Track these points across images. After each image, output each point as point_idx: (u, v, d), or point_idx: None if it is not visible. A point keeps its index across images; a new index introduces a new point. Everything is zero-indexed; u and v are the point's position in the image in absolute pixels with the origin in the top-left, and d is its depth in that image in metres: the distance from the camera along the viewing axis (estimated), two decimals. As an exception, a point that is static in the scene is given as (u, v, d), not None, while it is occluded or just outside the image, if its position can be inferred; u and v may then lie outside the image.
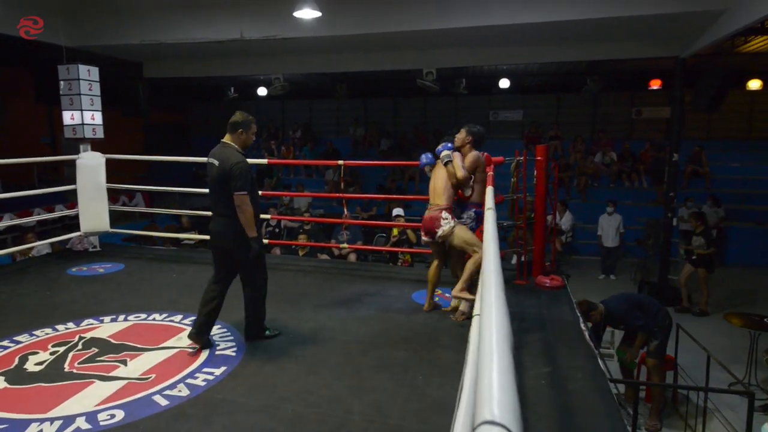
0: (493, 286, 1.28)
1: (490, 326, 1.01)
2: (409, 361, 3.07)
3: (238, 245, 3.10)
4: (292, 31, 7.48)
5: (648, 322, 4.76)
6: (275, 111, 15.90)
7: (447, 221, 3.60)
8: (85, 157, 5.49)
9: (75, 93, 5.38)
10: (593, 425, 2.45)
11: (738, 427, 4.55)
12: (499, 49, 8.73)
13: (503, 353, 0.88)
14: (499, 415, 0.69)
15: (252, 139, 3.31)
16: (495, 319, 1.05)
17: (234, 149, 3.18)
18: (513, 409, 0.72)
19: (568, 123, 13.57)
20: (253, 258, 3.12)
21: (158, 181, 7.41)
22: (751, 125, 12.84)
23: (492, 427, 0.67)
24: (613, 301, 4.90)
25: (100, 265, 5.16)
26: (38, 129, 12.20)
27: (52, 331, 3.51)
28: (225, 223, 3.12)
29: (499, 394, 0.75)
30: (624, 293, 5.64)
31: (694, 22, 6.72)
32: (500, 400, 0.73)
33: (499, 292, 1.23)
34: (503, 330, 0.99)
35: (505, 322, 1.04)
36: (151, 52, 9.18)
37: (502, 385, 0.78)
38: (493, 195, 3.23)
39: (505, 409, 0.71)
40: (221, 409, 2.53)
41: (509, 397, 0.75)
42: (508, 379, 0.80)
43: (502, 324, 1.02)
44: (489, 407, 0.72)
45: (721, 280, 9.44)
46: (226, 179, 3.04)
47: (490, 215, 2.47)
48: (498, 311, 1.10)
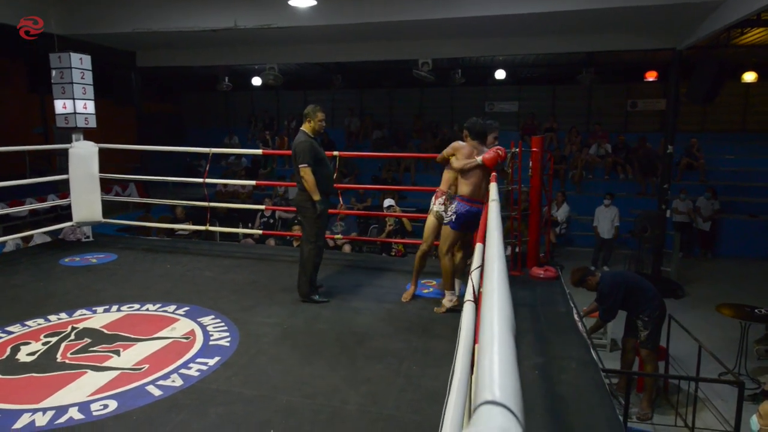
0: (495, 272, 1.29)
1: (492, 310, 1.01)
2: (403, 351, 3.07)
3: (299, 209, 3.87)
4: (287, 20, 7.41)
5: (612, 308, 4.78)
6: (270, 101, 15.80)
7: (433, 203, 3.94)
8: (78, 147, 5.43)
9: (67, 81, 5.31)
10: (586, 414, 2.46)
11: (728, 416, 4.60)
12: (495, 40, 8.69)
13: (504, 336, 0.89)
14: (500, 395, 0.70)
15: (320, 125, 3.89)
16: (497, 304, 1.05)
17: (303, 133, 3.85)
18: (514, 390, 0.72)
19: (563, 115, 13.57)
20: (317, 218, 3.74)
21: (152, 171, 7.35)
22: (746, 118, 12.88)
23: (493, 407, 0.68)
24: (608, 275, 4.96)
25: (93, 256, 5.13)
26: (30, 119, 12.08)
27: (45, 321, 3.49)
28: (296, 192, 3.89)
29: (500, 375, 0.76)
30: (624, 273, 5.65)
31: (691, 13, 6.71)
32: (501, 382, 0.74)
33: (501, 278, 1.24)
34: (505, 314, 0.99)
35: (507, 306, 1.05)
36: (144, 41, 9.08)
37: (503, 367, 0.78)
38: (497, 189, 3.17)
39: (507, 390, 0.72)
40: (215, 400, 2.53)
41: (510, 379, 0.75)
42: (510, 361, 0.81)
43: (503, 308, 1.02)
44: (490, 388, 0.72)
45: (714, 271, 9.53)
46: (293, 156, 3.78)
47: (494, 206, 2.46)
48: (500, 296, 1.10)
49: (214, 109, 16.54)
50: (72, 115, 5.36)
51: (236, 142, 14.45)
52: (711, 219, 10.10)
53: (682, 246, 9.57)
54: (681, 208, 10.10)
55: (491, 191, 2.97)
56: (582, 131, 12.86)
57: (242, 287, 4.22)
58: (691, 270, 9.36)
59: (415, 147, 12.73)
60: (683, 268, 9.20)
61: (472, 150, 3.69)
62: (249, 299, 3.92)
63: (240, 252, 5.56)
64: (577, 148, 12.30)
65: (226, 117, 16.29)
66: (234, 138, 14.56)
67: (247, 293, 4.07)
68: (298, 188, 3.84)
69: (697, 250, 10.44)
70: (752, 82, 11.31)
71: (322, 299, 3.87)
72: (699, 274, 9.29)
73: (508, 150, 4.52)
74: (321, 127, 3.90)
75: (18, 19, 5.21)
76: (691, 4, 6.33)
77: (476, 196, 3.60)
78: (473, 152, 3.68)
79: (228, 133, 14.70)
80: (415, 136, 13.80)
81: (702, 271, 9.47)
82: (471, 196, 3.62)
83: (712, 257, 10.26)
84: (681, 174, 11.25)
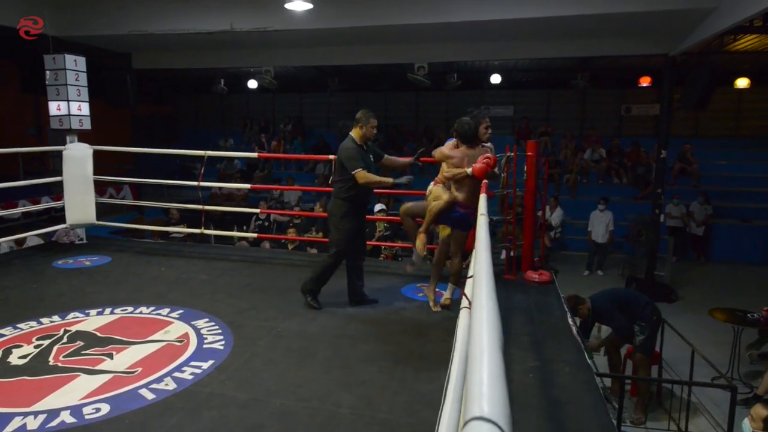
0: (484, 283, 1.29)
1: (481, 323, 1.02)
2: (397, 354, 3.07)
3: (329, 215, 3.81)
4: (283, 23, 7.43)
5: (625, 324, 4.81)
6: (266, 104, 15.79)
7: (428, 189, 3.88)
8: (73, 148, 5.41)
9: (61, 83, 5.28)
10: (579, 418, 2.47)
11: (721, 420, 4.62)
12: (490, 45, 8.74)
13: (493, 350, 0.89)
14: (488, 411, 0.69)
15: (372, 132, 3.77)
16: (486, 316, 1.05)
17: (351, 139, 3.73)
18: (503, 405, 0.72)
19: (558, 119, 13.64)
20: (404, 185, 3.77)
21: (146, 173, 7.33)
22: (739, 123, 12.99)
23: (482, 424, 0.67)
24: (599, 297, 4.95)
25: (86, 258, 5.10)
26: (24, 120, 12.02)
27: (37, 324, 3.46)
28: (331, 200, 3.80)
29: (489, 390, 0.76)
30: (613, 290, 5.70)
31: (684, 19, 6.77)
32: (490, 397, 0.73)
33: (490, 290, 1.24)
34: (493, 327, 1.00)
35: (495, 319, 1.05)
36: (139, 43, 9.07)
37: (492, 381, 0.78)
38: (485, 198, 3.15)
39: (495, 405, 0.71)
40: (209, 403, 2.52)
41: (499, 394, 0.75)
42: (498, 375, 0.80)
43: (492, 321, 1.03)
44: (479, 404, 0.72)
45: (707, 275, 9.58)
46: (339, 162, 3.71)
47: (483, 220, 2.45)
48: (488, 308, 1.10)
49: (209, 112, 16.50)
50: (66, 117, 5.34)
51: (231, 144, 14.43)
52: (704, 224, 10.17)
53: (676, 250, 9.62)
54: (674, 213, 10.16)
55: (480, 204, 2.94)
56: (576, 136, 12.92)
57: (237, 290, 4.21)
58: (684, 274, 9.42)
59: (411, 150, 12.76)
60: (677, 273, 9.25)
61: (463, 157, 3.61)
62: (243, 302, 3.91)
63: (235, 255, 5.54)
64: (571, 152, 12.36)
65: (222, 119, 16.26)
66: (229, 140, 14.53)
67: (241, 296, 4.05)
68: (333, 195, 3.78)
69: (691, 254, 10.50)
70: (745, 88, 11.42)
71: (315, 305, 3.78)
72: (692, 278, 9.35)
73: (502, 154, 4.55)
74: (371, 135, 3.78)
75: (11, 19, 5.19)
76: (684, 11, 6.39)
77: (470, 202, 3.59)
78: (464, 159, 3.60)
79: (223, 136, 14.68)
80: (410, 139, 13.83)
81: (695, 275, 9.52)
82: (464, 201, 3.63)
83: (705, 261, 10.33)
84: (674, 179, 11.32)
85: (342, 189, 3.71)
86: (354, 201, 3.72)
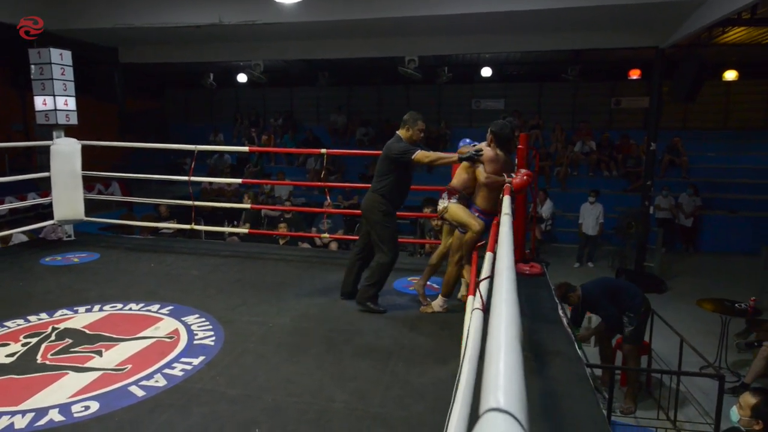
0: (505, 281, 1.33)
1: (501, 319, 1.04)
2: (390, 348, 3.07)
3: (367, 213, 3.69)
4: (272, 16, 7.36)
5: (614, 313, 4.84)
6: (256, 98, 15.67)
7: (443, 200, 3.57)
8: (60, 143, 5.33)
9: (47, 78, 5.19)
10: (570, 408, 2.49)
11: (710, 409, 4.68)
12: (481, 37, 8.72)
13: (512, 345, 0.91)
14: (504, 402, 0.70)
15: (419, 135, 3.73)
16: (506, 312, 1.08)
17: (398, 138, 3.71)
18: (519, 397, 0.73)
19: (548, 112, 13.67)
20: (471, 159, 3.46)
21: (135, 168, 7.24)
22: (727, 115, 13.10)
23: (498, 414, 0.68)
24: (590, 285, 5.00)
25: (74, 255, 5.04)
26: (11, 116, 11.84)
27: (24, 322, 3.42)
28: (368, 196, 3.70)
29: (506, 382, 0.77)
30: (603, 278, 5.74)
31: (674, 12, 6.79)
32: (507, 389, 0.74)
33: (511, 288, 1.27)
34: (513, 323, 1.03)
35: (515, 315, 1.08)
36: (126, 37, 8.95)
37: (509, 374, 0.80)
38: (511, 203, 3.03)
39: (512, 397, 0.72)
40: (199, 399, 2.50)
41: (516, 386, 0.76)
42: (516, 368, 0.82)
43: (512, 317, 1.06)
44: (495, 395, 0.73)
45: (695, 266, 9.68)
46: (384, 159, 3.67)
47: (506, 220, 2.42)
48: (509, 305, 1.14)
49: (199, 106, 16.36)
50: (53, 112, 5.26)
51: (221, 139, 14.32)
52: (693, 215, 10.26)
53: (665, 242, 9.71)
54: (663, 205, 10.25)
55: (504, 205, 2.86)
56: (567, 128, 12.96)
57: (228, 286, 4.19)
58: (673, 265, 9.52)
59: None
60: (666, 264, 9.34)
61: (503, 163, 3.45)
62: (234, 298, 3.89)
63: (226, 250, 5.51)
64: (562, 145, 12.40)
65: (211, 114, 16.13)
66: (219, 135, 14.42)
67: (232, 292, 4.03)
68: (369, 193, 3.71)
69: (679, 245, 10.61)
70: (733, 81, 11.51)
71: (380, 308, 3.64)
72: (681, 269, 9.45)
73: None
74: (419, 137, 3.73)
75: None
76: (674, 3, 6.42)
77: (491, 210, 3.45)
78: (501, 166, 3.44)
79: (213, 131, 14.57)
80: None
81: (684, 266, 9.63)
82: (485, 208, 3.47)
83: (694, 252, 10.44)
84: (663, 171, 11.41)
85: (385, 187, 3.66)
86: (393, 200, 3.68)
